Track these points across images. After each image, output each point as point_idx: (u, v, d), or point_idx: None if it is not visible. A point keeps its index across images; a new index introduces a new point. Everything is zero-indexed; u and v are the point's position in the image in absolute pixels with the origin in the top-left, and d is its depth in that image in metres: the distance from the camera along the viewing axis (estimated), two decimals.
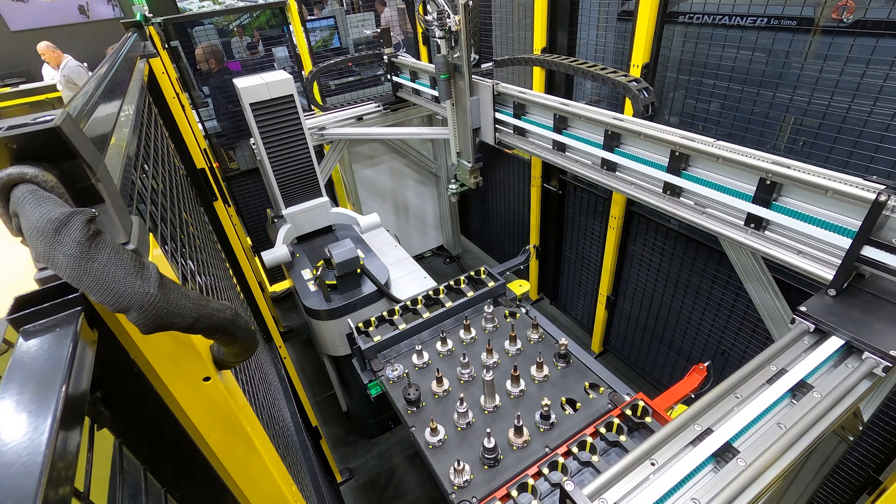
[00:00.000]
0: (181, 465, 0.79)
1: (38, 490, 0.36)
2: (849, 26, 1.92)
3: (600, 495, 1.04)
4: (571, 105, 2.24)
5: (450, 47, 2.60)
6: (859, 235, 1.32)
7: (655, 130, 1.91)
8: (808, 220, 1.52)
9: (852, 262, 1.35)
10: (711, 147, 1.73)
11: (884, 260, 1.29)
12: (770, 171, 1.55)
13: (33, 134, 0.49)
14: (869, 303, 1.36)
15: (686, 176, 1.88)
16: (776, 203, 1.61)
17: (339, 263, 2.74)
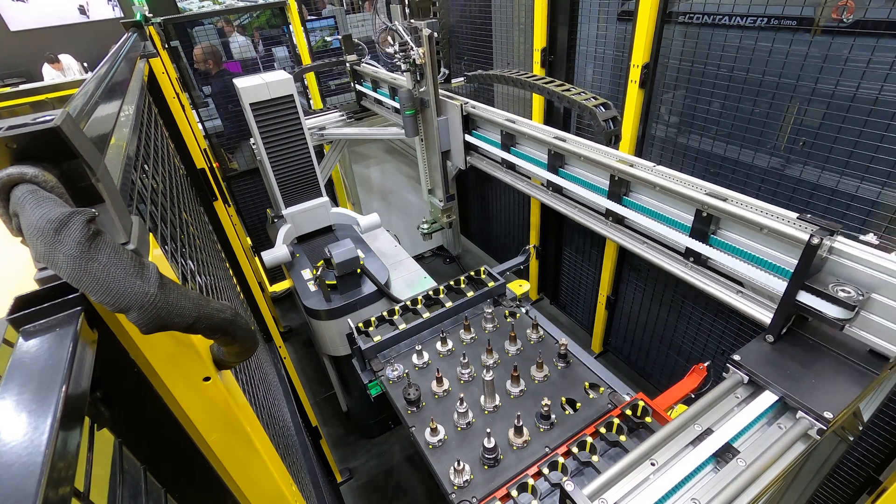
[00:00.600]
0: (181, 465, 0.79)
1: (38, 490, 0.36)
2: (849, 26, 1.92)
3: (600, 495, 1.04)
4: (518, 122, 2.13)
5: (415, 81, 2.40)
6: (793, 279, 1.19)
7: (594, 152, 1.76)
8: (747, 257, 1.37)
9: (789, 308, 1.23)
10: (649, 173, 1.58)
11: (819, 308, 1.16)
12: (705, 203, 1.40)
13: (33, 134, 0.49)
14: (809, 352, 1.23)
15: (627, 202, 1.72)
16: (714, 237, 1.45)
17: (339, 263, 2.74)
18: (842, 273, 1.15)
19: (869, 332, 1.13)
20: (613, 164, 1.67)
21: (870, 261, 1.08)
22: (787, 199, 2.32)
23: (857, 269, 1.11)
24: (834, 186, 2.12)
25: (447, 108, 2.37)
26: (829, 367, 1.19)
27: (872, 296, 1.09)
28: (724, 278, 1.49)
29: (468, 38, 4.26)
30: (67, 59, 8.57)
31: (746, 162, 2.44)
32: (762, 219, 1.28)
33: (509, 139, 2.19)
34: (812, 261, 1.14)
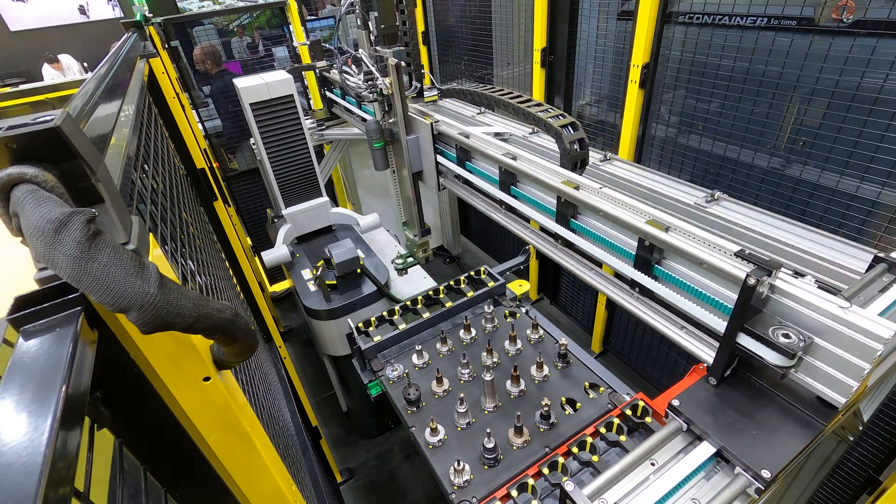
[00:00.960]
0: (181, 465, 0.79)
1: (38, 490, 0.36)
2: (849, 26, 1.92)
3: (600, 495, 1.04)
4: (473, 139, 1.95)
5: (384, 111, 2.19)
6: (732, 321, 1.07)
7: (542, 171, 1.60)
8: (691, 291, 1.23)
9: (729, 350, 1.10)
10: (594, 196, 1.41)
11: (760, 353, 1.03)
12: (646, 232, 1.25)
13: (33, 134, 0.49)
14: (753, 398, 1.11)
15: (575, 226, 1.56)
16: (659, 267, 1.30)
17: (339, 263, 2.74)
18: (786, 314, 1.02)
19: (814, 380, 1.00)
20: (558, 185, 1.50)
21: (812, 303, 0.96)
22: (786, 199, 2.32)
23: (800, 311, 0.99)
24: (834, 186, 2.12)
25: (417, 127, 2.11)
26: (774, 416, 1.07)
27: (816, 341, 0.97)
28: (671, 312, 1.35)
29: (468, 38, 4.26)
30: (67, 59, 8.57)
31: (746, 162, 2.44)
32: (701, 253, 1.14)
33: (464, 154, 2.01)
34: (749, 302, 1.01)
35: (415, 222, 2.41)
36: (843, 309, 0.92)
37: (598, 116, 3.36)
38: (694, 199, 2.24)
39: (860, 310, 0.92)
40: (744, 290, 1.01)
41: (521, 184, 1.76)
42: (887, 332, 0.85)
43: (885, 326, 0.86)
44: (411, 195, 2.31)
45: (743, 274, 1.01)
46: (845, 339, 0.91)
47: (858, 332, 0.89)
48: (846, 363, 0.92)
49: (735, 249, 1.09)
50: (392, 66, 1.91)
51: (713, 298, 1.16)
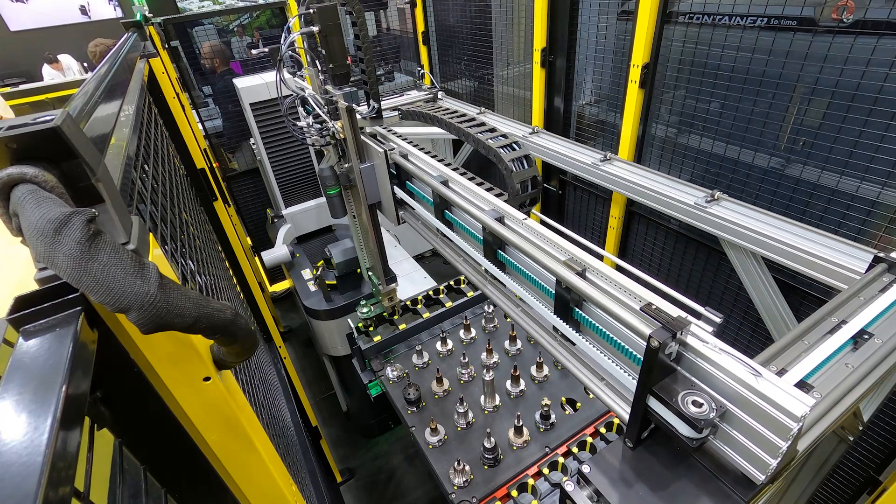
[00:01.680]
0: (181, 465, 0.79)
1: (38, 490, 0.36)
2: (849, 26, 1.92)
3: None
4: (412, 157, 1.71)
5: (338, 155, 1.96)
6: (640, 383, 0.93)
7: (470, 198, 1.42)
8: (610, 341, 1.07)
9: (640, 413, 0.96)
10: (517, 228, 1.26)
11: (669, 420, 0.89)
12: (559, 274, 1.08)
13: (33, 134, 0.49)
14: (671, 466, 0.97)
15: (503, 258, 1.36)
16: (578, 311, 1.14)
17: (339, 263, 2.74)
18: (702, 376, 0.88)
19: (733, 451, 0.87)
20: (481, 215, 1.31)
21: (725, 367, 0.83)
22: (786, 198, 2.32)
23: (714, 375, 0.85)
24: (834, 186, 2.12)
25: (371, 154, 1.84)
26: (690, 490, 0.93)
27: (730, 409, 0.84)
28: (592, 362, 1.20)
29: (468, 38, 4.26)
30: (67, 59, 8.56)
31: (746, 162, 2.44)
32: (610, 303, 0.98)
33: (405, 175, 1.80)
34: (654, 364, 0.87)
35: (378, 269, 2.11)
36: (754, 377, 0.79)
37: (598, 116, 3.36)
38: (694, 199, 2.25)
39: (774, 379, 0.78)
40: (648, 352, 0.87)
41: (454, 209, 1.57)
42: (802, 408, 0.73)
43: (799, 401, 0.74)
44: (372, 239, 2.03)
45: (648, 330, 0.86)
46: (759, 411, 0.79)
47: (771, 405, 0.77)
48: (762, 438, 0.80)
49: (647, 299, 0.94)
50: (343, 108, 1.72)
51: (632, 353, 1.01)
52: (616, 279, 1.03)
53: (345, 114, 1.73)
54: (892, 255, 1.37)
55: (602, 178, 2.73)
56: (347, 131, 1.77)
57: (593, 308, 1.10)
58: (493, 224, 1.26)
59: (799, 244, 1.87)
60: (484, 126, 1.70)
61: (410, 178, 1.77)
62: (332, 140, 1.93)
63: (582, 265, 1.08)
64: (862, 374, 1.07)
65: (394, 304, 2.20)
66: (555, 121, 3.58)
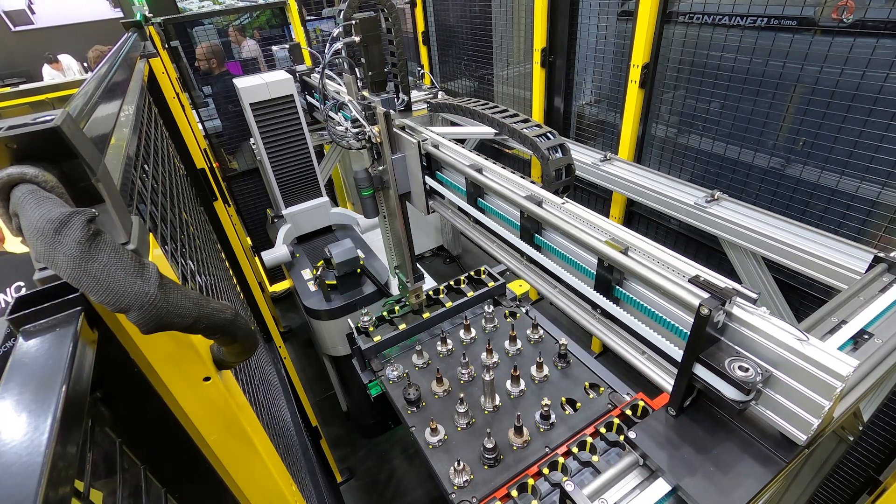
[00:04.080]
0: (181, 465, 0.79)
1: (38, 490, 0.36)
2: (849, 26, 1.92)
3: (600, 495, 1.04)
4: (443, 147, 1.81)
5: (373, 158, 2.05)
6: (687, 351, 1.00)
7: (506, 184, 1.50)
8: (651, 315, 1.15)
9: (686, 381, 1.03)
10: (556, 212, 1.33)
11: (716, 385, 0.96)
12: (602, 252, 1.17)
13: (33, 134, 0.49)
14: (713, 431, 1.04)
15: (539, 242, 1.47)
16: (619, 288, 1.22)
17: (339, 263, 2.74)
18: (746, 344, 0.94)
19: (775, 414, 0.93)
20: (519, 199, 1.40)
21: (771, 335, 0.88)
22: (786, 199, 2.32)
23: (759, 342, 0.91)
24: (834, 186, 2.12)
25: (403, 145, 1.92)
26: (734, 452, 0.99)
27: (775, 374, 0.89)
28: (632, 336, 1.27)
29: (468, 38, 4.26)
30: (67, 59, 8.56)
31: (746, 162, 2.44)
32: (656, 277, 1.05)
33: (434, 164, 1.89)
34: (703, 332, 0.93)
35: (407, 267, 2.18)
36: (800, 342, 0.85)
37: (598, 116, 3.36)
38: (694, 199, 2.25)
39: (818, 343, 0.84)
40: (697, 319, 0.93)
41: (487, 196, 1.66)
42: (846, 368, 0.78)
43: (844, 363, 0.79)
44: (402, 236, 2.11)
45: (696, 302, 0.93)
46: (803, 374, 0.85)
47: (816, 367, 0.82)
48: (805, 399, 0.86)
49: (692, 273, 1.00)
50: (381, 114, 1.81)
51: (673, 325, 1.08)
52: (658, 256, 1.10)
53: (382, 119, 1.83)
54: (892, 255, 1.37)
55: (602, 177, 2.74)
56: (384, 135, 1.87)
57: (634, 285, 1.18)
58: (535, 209, 1.35)
59: (799, 244, 1.87)
60: (518, 116, 1.80)
61: (441, 168, 1.87)
62: (367, 144, 2.01)
63: (624, 244, 1.16)
64: (862, 374, 1.08)
65: (420, 302, 2.29)
66: (555, 121, 3.58)
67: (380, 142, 1.91)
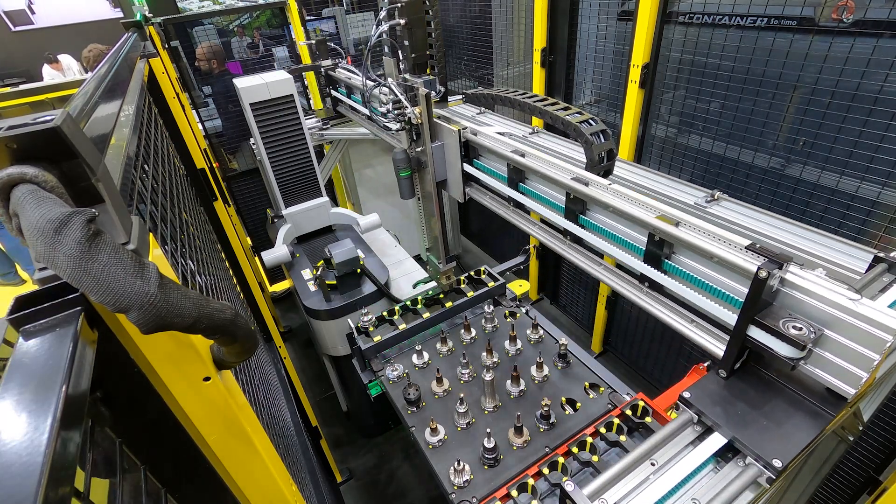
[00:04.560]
0: (181, 465, 0.79)
1: (38, 490, 0.36)
2: (849, 26, 1.92)
3: (600, 495, 1.04)
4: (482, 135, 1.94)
5: (411, 140, 2.10)
6: (743, 313, 1.09)
7: (549, 168, 1.63)
8: (700, 285, 1.26)
9: (740, 343, 1.13)
10: (604, 192, 1.45)
11: (770, 345, 1.05)
12: (656, 227, 1.29)
13: (33, 134, 0.49)
14: (763, 389, 1.15)
15: (584, 221, 1.59)
16: (669, 262, 1.33)
17: (339, 263, 2.74)
18: (796, 307, 1.04)
19: (824, 371, 1.02)
20: (567, 181, 1.52)
21: (823, 296, 0.98)
22: (786, 198, 2.32)
23: (810, 303, 1.01)
24: (834, 186, 2.12)
25: (442, 133, 2.03)
26: (784, 408, 1.09)
27: (826, 332, 0.99)
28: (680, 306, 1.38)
29: (468, 38, 4.26)
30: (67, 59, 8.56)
31: (746, 162, 2.44)
32: (711, 247, 1.16)
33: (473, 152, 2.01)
34: (760, 294, 1.03)
35: (440, 248, 2.29)
36: (853, 301, 0.94)
37: (598, 116, 3.36)
38: (694, 199, 2.24)
39: (870, 302, 0.94)
40: (755, 283, 1.03)
41: (528, 180, 1.80)
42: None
43: (894, 318, 0.88)
44: (437, 217, 2.22)
45: (754, 267, 1.03)
46: (855, 330, 0.93)
47: (868, 323, 0.90)
48: (856, 354, 0.94)
49: (746, 243, 1.12)
50: (422, 95, 1.88)
51: (722, 292, 1.19)
52: (707, 229, 1.22)
53: (423, 99, 1.90)
54: (892, 255, 1.37)
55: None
56: (424, 116, 1.95)
57: (682, 258, 1.30)
58: (584, 189, 1.47)
59: (799, 244, 1.87)
60: (558, 104, 1.90)
61: (479, 156, 2.00)
62: (406, 126, 2.10)
63: (675, 219, 1.27)
64: None
65: (451, 283, 2.37)
66: None
67: (420, 123, 1.98)
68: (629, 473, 1.09)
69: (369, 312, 2.18)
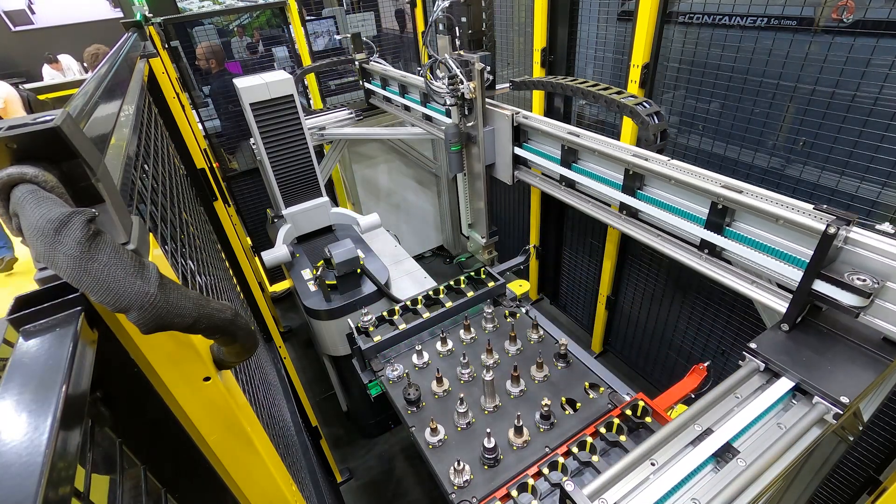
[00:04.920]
0: (181, 465, 0.79)
1: (38, 490, 0.36)
2: (849, 26, 1.92)
3: (600, 495, 1.04)
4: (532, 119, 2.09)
5: (462, 115, 2.21)
6: (809, 269, 1.22)
7: (608, 147, 1.79)
8: (762, 248, 1.41)
9: (804, 297, 1.25)
10: (664, 167, 1.62)
11: (835, 296, 1.19)
12: (720, 195, 1.44)
13: (33, 134, 0.49)
14: (823, 340, 1.27)
15: (641, 196, 1.76)
16: (729, 228, 1.49)
17: (339, 263, 2.74)
18: (856, 262, 1.17)
19: (883, 320, 1.15)
20: (628, 157, 1.70)
21: (885, 250, 1.11)
22: None
23: (871, 258, 1.14)
24: (834, 186, 2.12)
25: (494, 118, 2.17)
26: (844, 355, 1.22)
27: (887, 284, 1.11)
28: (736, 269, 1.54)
29: None
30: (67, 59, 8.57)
31: (746, 162, 2.44)
32: (779, 210, 1.31)
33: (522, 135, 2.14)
34: (828, 250, 1.17)
35: (483, 223, 2.44)
36: None
37: (598, 116, 3.36)
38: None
39: None
40: (824, 239, 1.17)
41: (582, 160, 1.96)
42: None
43: None
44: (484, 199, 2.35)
45: (821, 225, 1.18)
46: None
47: None
48: None
49: (810, 206, 1.27)
50: (478, 70, 2.00)
51: (782, 252, 1.36)
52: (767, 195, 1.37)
53: (478, 74, 2.03)
54: None
55: None
56: (477, 90, 2.08)
57: (743, 224, 1.47)
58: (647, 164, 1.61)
59: None
60: (611, 88, 2.03)
61: (528, 139, 2.11)
62: (458, 101, 2.19)
63: (738, 188, 1.42)
64: None
65: (493, 258, 2.52)
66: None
67: (473, 97, 2.09)
68: (629, 473, 1.09)
69: (369, 312, 2.18)
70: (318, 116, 3.94)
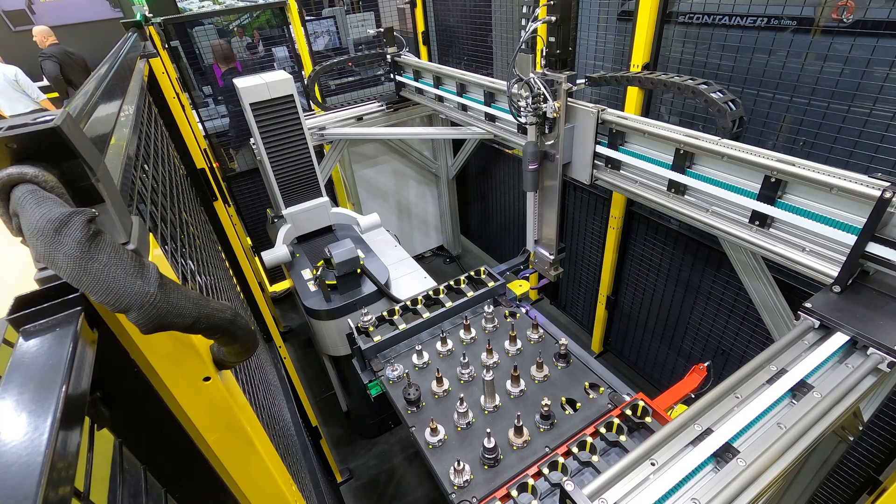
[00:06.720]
0: (181, 465, 0.79)
1: (38, 490, 0.36)
2: (849, 26, 1.92)
3: (600, 495, 1.04)
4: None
5: (541, 133, 2.21)
6: (864, 232, 1.33)
7: (659, 128, 1.90)
8: (813, 217, 1.54)
9: (857, 259, 1.36)
10: (716, 145, 1.75)
11: (889, 256, 1.30)
12: (775, 168, 1.56)
13: (33, 134, 0.49)
14: (873, 299, 1.36)
15: (690, 174, 1.89)
16: (781, 200, 1.62)
17: (339, 263, 2.74)
18: None
19: None
20: (680, 137, 1.84)
21: None
22: None
23: None
24: None
25: (576, 115, 2.16)
26: (895, 311, 1.30)
27: None
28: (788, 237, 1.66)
29: (468, 37, 4.26)
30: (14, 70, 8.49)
31: None
32: (833, 179, 1.42)
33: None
34: (883, 214, 1.26)
35: (553, 241, 2.45)
36: None
37: None
38: None
39: None
40: (879, 203, 1.27)
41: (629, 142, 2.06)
42: None
43: None
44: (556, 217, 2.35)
45: (875, 192, 1.30)
46: None
47: None
48: None
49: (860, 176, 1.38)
50: (564, 90, 2.02)
51: (832, 220, 1.48)
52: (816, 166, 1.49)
53: (563, 94, 2.05)
54: None
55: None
56: (562, 110, 2.10)
57: (794, 196, 1.60)
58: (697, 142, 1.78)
59: None
60: (685, 77, 2.04)
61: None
62: (538, 119, 2.19)
63: (791, 161, 1.54)
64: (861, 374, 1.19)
65: (558, 274, 2.54)
66: None
67: (556, 116, 2.11)
68: (629, 473, 1.09)
69: (369, 312, 2.18)
70: (344, 110, 4.05)
